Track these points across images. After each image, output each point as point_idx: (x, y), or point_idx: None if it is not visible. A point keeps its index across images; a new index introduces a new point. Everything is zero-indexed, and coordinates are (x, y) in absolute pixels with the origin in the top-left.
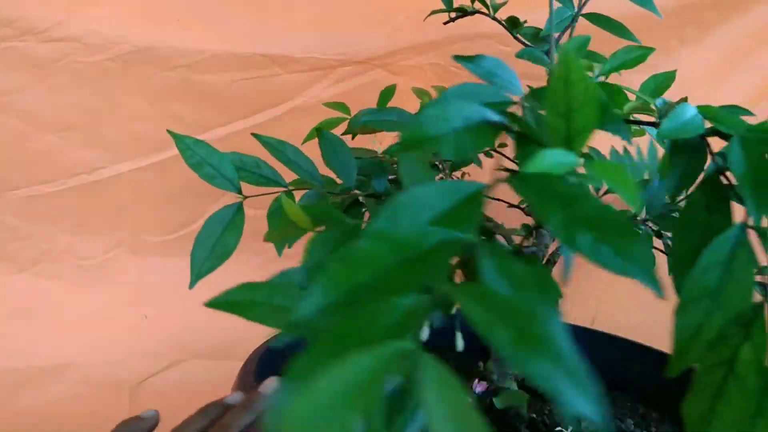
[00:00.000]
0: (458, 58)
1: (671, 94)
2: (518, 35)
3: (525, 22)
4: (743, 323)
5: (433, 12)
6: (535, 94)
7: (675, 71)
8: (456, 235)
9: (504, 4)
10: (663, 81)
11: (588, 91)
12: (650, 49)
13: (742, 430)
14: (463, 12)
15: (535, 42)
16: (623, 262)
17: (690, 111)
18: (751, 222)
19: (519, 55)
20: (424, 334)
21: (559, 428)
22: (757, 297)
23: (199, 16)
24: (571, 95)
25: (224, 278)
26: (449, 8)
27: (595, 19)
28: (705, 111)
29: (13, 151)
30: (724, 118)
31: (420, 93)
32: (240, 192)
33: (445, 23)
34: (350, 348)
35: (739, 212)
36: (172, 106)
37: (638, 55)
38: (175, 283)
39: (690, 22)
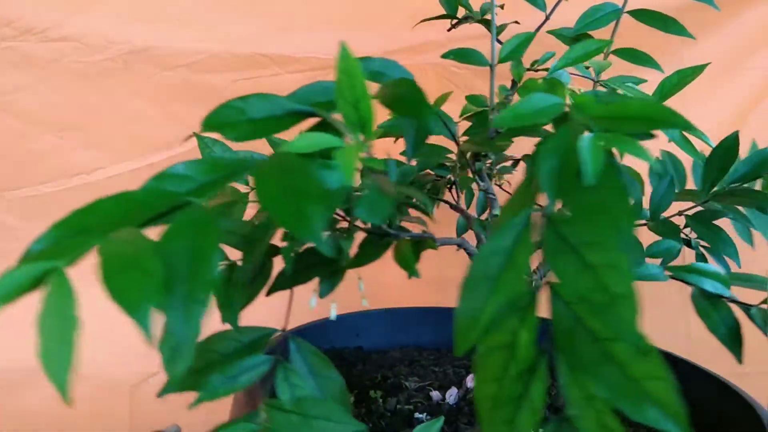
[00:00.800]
0: None
1: (672, 96)
2: (498, 38)
3: (516, 23)
4: (520, 308)
5: (424, 20)
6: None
7: (706, 65)
8: (184, 200)
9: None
10: (688, 75)
11: (363, 83)
12: (607, 42)
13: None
14: (457, 20)
15: None
16: (303, 225)
17: (547, 101)
18: (545, 209)
19: (444, 56)
20: (333, 314)
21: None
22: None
23: (199, 16)
24: (354, 85)
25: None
26: (450, 14)
27: (640, 15)
28: (577, 100)
29: (13, 151)
30: (584, 107)
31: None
32: (247, 184)
33: (448, 30)
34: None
35: None
36: (172, 106)
37: (595, 48)
38: None
39: (691, 22)
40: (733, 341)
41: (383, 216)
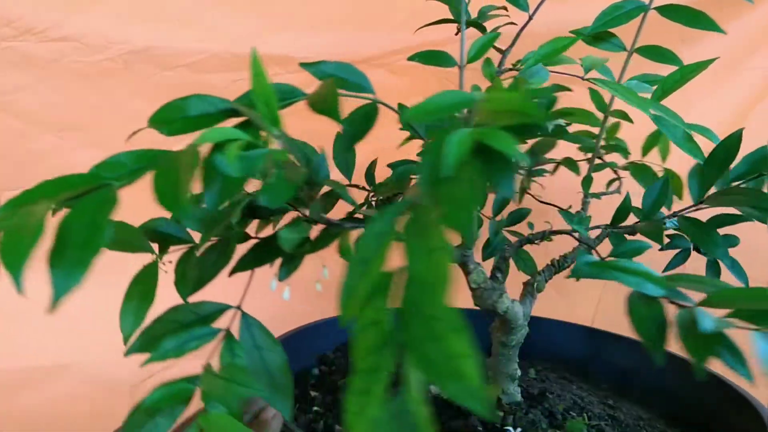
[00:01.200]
0: (302, 64)
1: (673, 96)
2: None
3: (512, 23)
4: (383, 289)
5: (425, 25)
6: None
7: (711, 60)
8: (104, 182)
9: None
10: (691, 71)
11: (269, 84)
12: (574, 39)
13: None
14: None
15: None
16: (175, 203)
17: (459, 97)
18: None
19: (410, 58)
20: (286, 295)
21: (508, 428)
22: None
23: (199, 16)
24: (263, 86)
25: (224, 275)
26: (456, 20)
27: (667, 11)
28: (491, 98)
29: (13, 151)
30: (490, 102)
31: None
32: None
33: (456, 34)
34: None
35: None
36: None
37: (563, 44)
38: None
39: None
40: (659, 340)
41: (283, 201)
